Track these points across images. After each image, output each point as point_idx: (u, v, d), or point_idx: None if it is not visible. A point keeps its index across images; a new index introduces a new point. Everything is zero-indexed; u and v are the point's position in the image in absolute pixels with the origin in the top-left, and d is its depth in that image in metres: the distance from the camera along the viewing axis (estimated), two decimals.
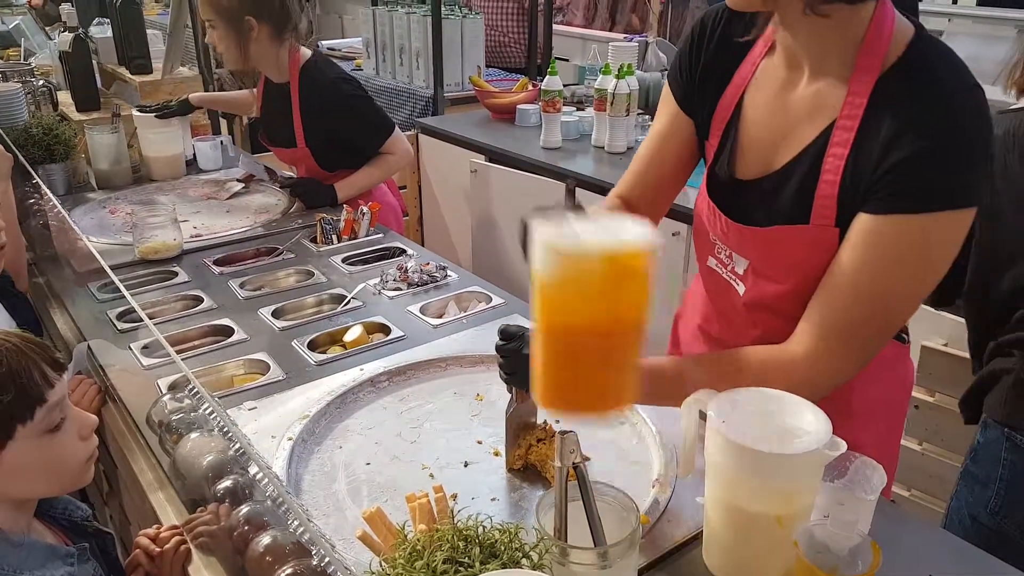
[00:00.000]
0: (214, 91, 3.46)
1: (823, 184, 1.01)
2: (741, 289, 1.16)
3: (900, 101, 0.95)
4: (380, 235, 2.11)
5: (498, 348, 1.12)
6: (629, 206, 1.29)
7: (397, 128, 2.35)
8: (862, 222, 0.98)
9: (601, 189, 2.67)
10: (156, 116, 2.56)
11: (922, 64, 0.96)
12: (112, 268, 1.51)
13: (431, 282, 1.81)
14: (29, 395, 0.97)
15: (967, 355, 1.79)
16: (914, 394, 1.89)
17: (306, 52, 2.29)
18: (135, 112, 2.63)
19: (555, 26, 5.11)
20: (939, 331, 1.90)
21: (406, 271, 1.82)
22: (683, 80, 1.21)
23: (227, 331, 1.62)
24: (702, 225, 1.21)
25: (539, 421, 1.22)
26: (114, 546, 1.17)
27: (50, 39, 4.27)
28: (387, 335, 1.59)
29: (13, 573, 0.97)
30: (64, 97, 3.27)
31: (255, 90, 2.51)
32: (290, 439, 1.23)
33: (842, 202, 1.00)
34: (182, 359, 1.19)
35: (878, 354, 1.05)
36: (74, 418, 1.04)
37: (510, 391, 1.17)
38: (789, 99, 1.07)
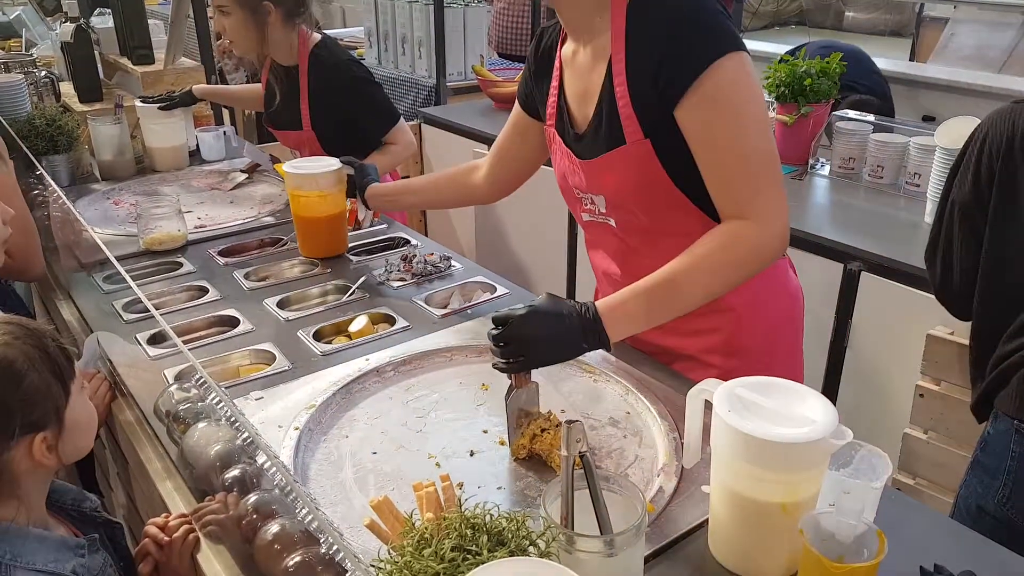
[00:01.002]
0: (217, 83, 3.45)
1: (620, 107, 1.23)
2: (613, 223, 1.36)
3: (645, 19, 1.19)
4: (384, 225, 2.11)
5: (496, 337, 1.14)
6: (490, 179, 1.66)
7: (402, 119, 2.35)
8: (682, 109, 1.18)
9: None
10: (159, 108, 2.56)
11: None
12: (117, 259, 1.51)
13: (435, 272, 1.81)
14: (69, 357, 1.08)
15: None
16: (919, 383, 1.89)
17: (315, 36, 2.29)
18: (138, 103, 2.63)
19: None
20: (944, 320, 1.90)
21: (410, 261, 1.82)
22: (527, 94, 1.52)
23: (233, 322, 1.62)
24: (567, 186, 1.42)
25: (542, 410, 1.22)
26: (123, 535, 1.18)
27: (51, 30, 4.27)
28: (392, 325, 1.59)
29: (26, 564, 0.98)
30: (66, 88, 3.27)
31: (260, 85, 2.51)
32: (297, 429, 1.24)
33: (640, 116, 1.21)
34: (188, 350, 1.20)
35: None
36: None
37: (509, 377, 1.18)
38: (579, 64, 1.33)
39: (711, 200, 1.23)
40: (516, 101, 1.57)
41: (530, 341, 1.14)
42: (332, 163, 1.86)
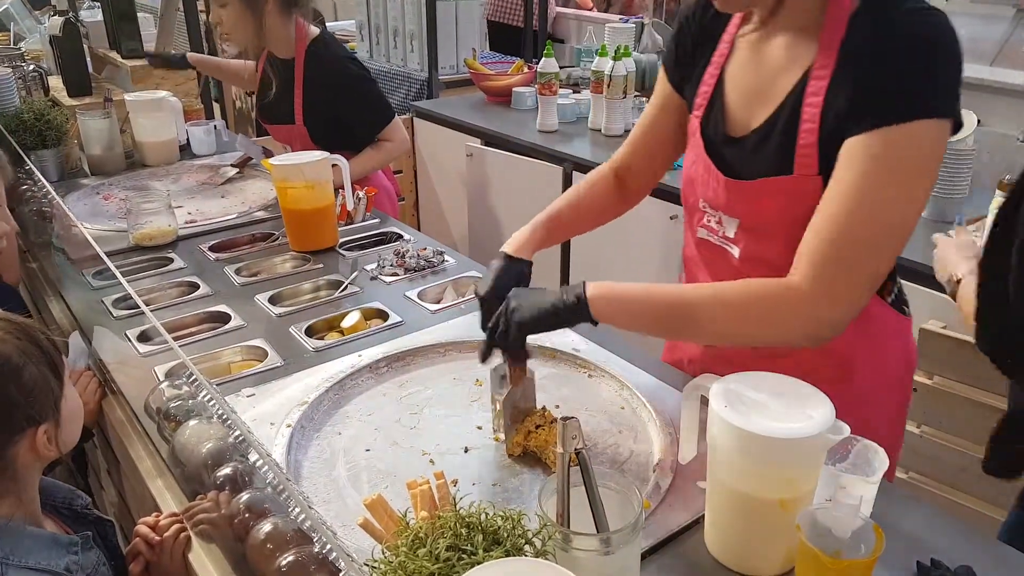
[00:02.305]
0: (205, 77, 3.42)
1: (803, 133, 1.04)
2: (735, 252, 1.18)
3: (872, 37, 0.99)
4: (376, 220, 2.10)
5: (491, 325, 1.12)
6: (620, 177, 1.39)
7: (397, 116, 2.34)
8: (847, 145, 0.99)
9: None
10: (149, 63, 2.55)
11: (886, 2, 1.01)
12: (107, 255, 1.50)
13: (428, 267, 1.80)
14: (59, 350, 1.08)
15: (966, 337, 1.79)
16: (914, 377, 1.89)
17: (313, 29, 2.27)
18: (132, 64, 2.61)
19: (560, 10, 5.10)
20: (938, 314, 1.90)
21: (403, 256, 1.81)
22: (676, 63, 1.28)
23: (224, 317, 1.61)
24: (693, 193, 1.24)
25: (537, 406, 1.21)
26: (114, 533, 1.17)
27: (40, 23, 4.23)
28: (385, 321, 1.58)
29: (19, 561, 0.97)
30: (55, 82, 3.23)
31: (252, 63, 2.48)
32: (289, 426, 1.22)
33: (823, 149, 1.02)
34: (179, 346, 1.18)
35: (882, 326, 1.07)
36: None
37: (508, 370, 1.16)
38: (764, 56, 1.12)
39: None
40: (662, 70, 1.32)
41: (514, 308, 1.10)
42: (318, 154, 1.85)
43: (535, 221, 1.32)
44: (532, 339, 1.14)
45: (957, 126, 0.98)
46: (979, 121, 2.13)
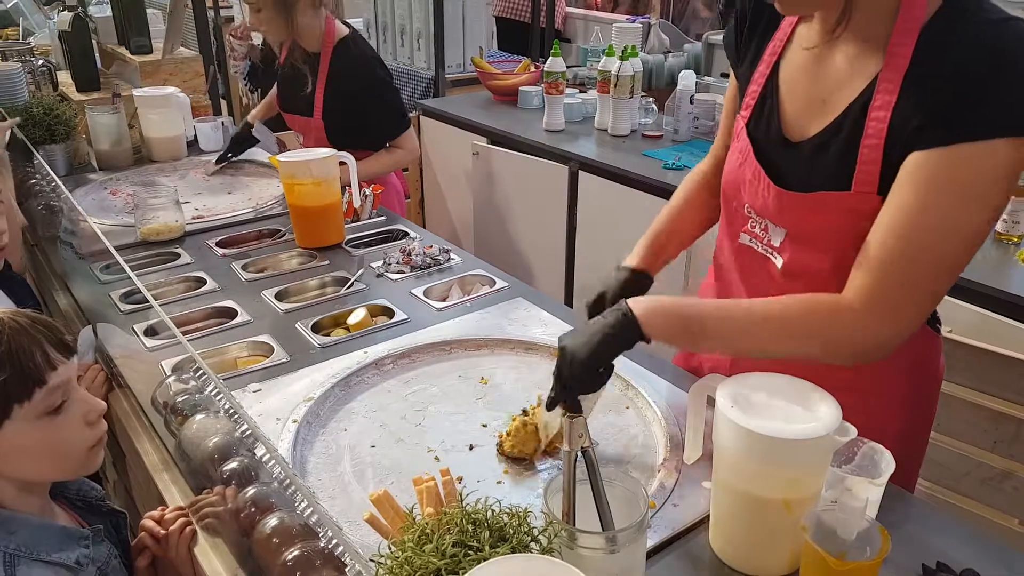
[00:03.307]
0: (215, 73, 3.44)
1: (865, 149, 0.97)
2: (779, 262, 1.13)
3: (945, 49, 0.92)
4: (383, 218, 2.10)
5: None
6: (708, 180, 1.31)
7: (411, 126, 2.36)
8: (915, 160, 0.92)
9: (604, 172, 2.66)
10: (219, 162, 2.53)
11: (962, 9, 0.93)
12: (115, 249, 1.50)
13: (434, 265, 1.80)
14: (28, 375, 0.96)
15: (971, 341, 1.79)
16: None
17: (342, 28, 2.29)
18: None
19: (569, 10, 5.11)
20: (947, 319, 1.89)
21: (409, 254, 1.81)
22: (734, 52, 1.22)
23: (230, 313, 1.61)
24: (737, 197, 1.17)
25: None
26: (126, 526, 1.17)
27: (49, 18, 4.24)
28: (391, 318, 1.58)
29: (30, 553, 0.97)
30: (64, 77, 3.24)
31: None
32: (295, 421, 1.23)
33: (885, 169, 0.96)
34: (186, 341, 1.19)
35: (913, 345, 1.02)
36: (80, 401, 1.02)
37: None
38: (826, 63, 1.05)
39: None
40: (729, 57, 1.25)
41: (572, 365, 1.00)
42: (325, 151, 1.86)
43: (643, 238, 1.29)
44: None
45: None
46: None
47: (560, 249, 2.99)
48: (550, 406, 1.02)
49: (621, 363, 1.37)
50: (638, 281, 1.21)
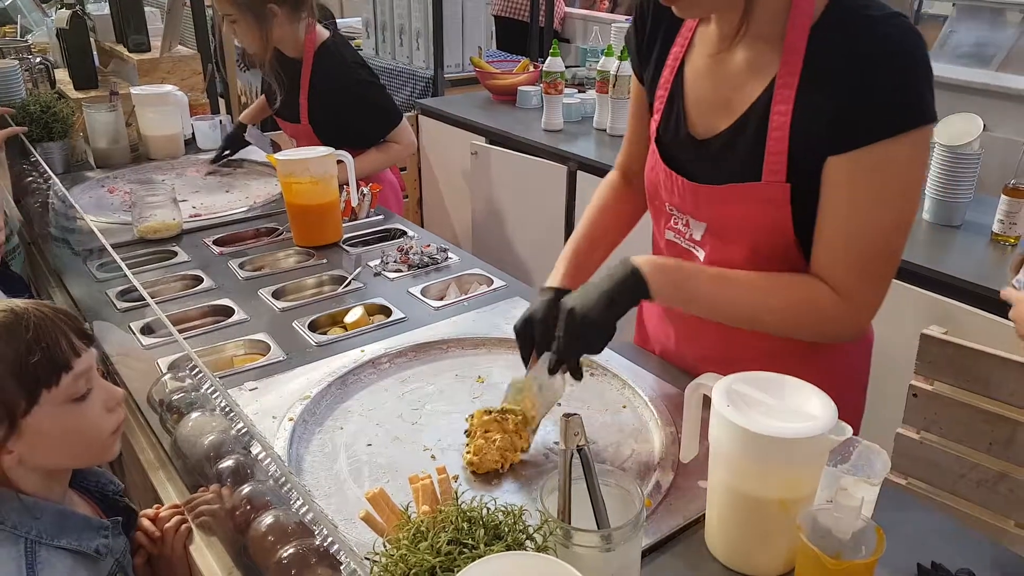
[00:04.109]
0: (213, 72, 3.44)
1: (772, 141, 1.05)
2: (701, 255, 1.20)
3: (837, 46, 0.99)
4: (380, 216, 2.10)
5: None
6: (627, 178, 1.40)
7: (404, 119, 2.35)
8: (842, 162, 1.01)
9: (603, 172, 2.64)
10: (215, 161, 2.53)
11: (848, 7, 1.01)
12: (111, 247, 1.50)
13: (432, 264, 1.80)
14: (56, 361, 0.98)
15: (966, 343, 1.79)
16: (912, 382, 1.89)
17: (323, 32, 2.28)
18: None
19: (568, 10, 5.11)
20: (938, 319, 1.90)
21: (407, 253, 1.81)
22: (636, 57, 1.28)
23: (227, 311, 1.61)
24: (658, 196, 1.24)
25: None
26: (134, 524, 1.17)
27: (47, 16, 4.23)
28: (388, 317, 1.58)
29: (50, 540, 0.97)
30: (61, 75, 3.24)
31: None
32: (291, 420, 1.23)
33: (792, 157, 1.04)
34: (182, 339, 1.19)
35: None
36: (100, 389, 1.04)
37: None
38: (726, 64, 1.11)
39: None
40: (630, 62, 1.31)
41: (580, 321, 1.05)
42: (323, 150, 1.86)
43: (566, 256, 1.33)
44: None
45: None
46: (984, 126, 2.13)
47: (558, 249, 2.97)
48: (553, 369, 1.08)
49: (619, 362, 1.38)
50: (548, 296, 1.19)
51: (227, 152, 2.52)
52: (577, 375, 1.10)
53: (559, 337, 1.07)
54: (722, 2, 1.05)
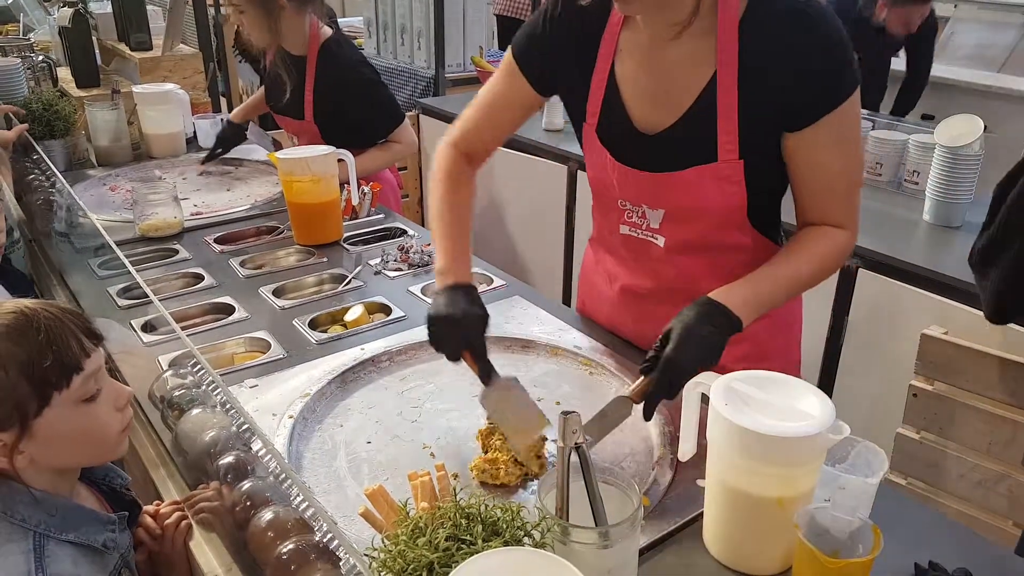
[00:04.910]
0: (215, 70, 3.44)
1: (722, 123, 1.15)
2: (660, 242, 1.29)
3: (768, 37, 1.11)
4: (381, 215, 2.10)
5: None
6: (466, 153, 1.38)
7: (407, 118, 2.36)
8: (804, 135, 1.14)
9: None
10: (205, 161, 2.53)
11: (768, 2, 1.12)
12: (115, 245, 1.51)
13: (432, 263, 1.80)
14: (66, 363, 0.98)
15: (966, 343, 1.79)
16: (912, 382, 1.90)
17: (326, 30, 2.28)
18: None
19: None
20: (938, 320, 1.90)
21: (407, 252, 1.82)
22: (536, 61, 1.29)
23: (228, 309, 1.61)
24: (608, 194, 1.31)
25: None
26: (138, 518, 1.17)
27: (49, 14, 4.24)
28: (388, 315, 1.59)
29: (58, 534, 0.98)
30: (64, 73, 3.25)
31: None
32: (291, 417, 1.23)
33: (743, 136, 1.15)
34: (185, 335, 1.19)
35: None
36: (109, 389, 1.04)
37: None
38: (661, 59, 1.18)
39: (765, 218, 1.27)
40: (511, 56, 1.31)
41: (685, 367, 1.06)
42: (324, 149, 1.86)
43: (444, 248, 1.26)
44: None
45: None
46: (985, 127, 2.13)
47: (558, 248, 2.99)
48: (648, 416, 1.09)
49: (618, 360, 1.39)
50: (469, 294, 1.18)
51: (219, 151, 2.52)
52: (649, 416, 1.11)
53: (660, 387, 1.06)
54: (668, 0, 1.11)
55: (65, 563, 0.97)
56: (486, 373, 1.14)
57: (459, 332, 1.14)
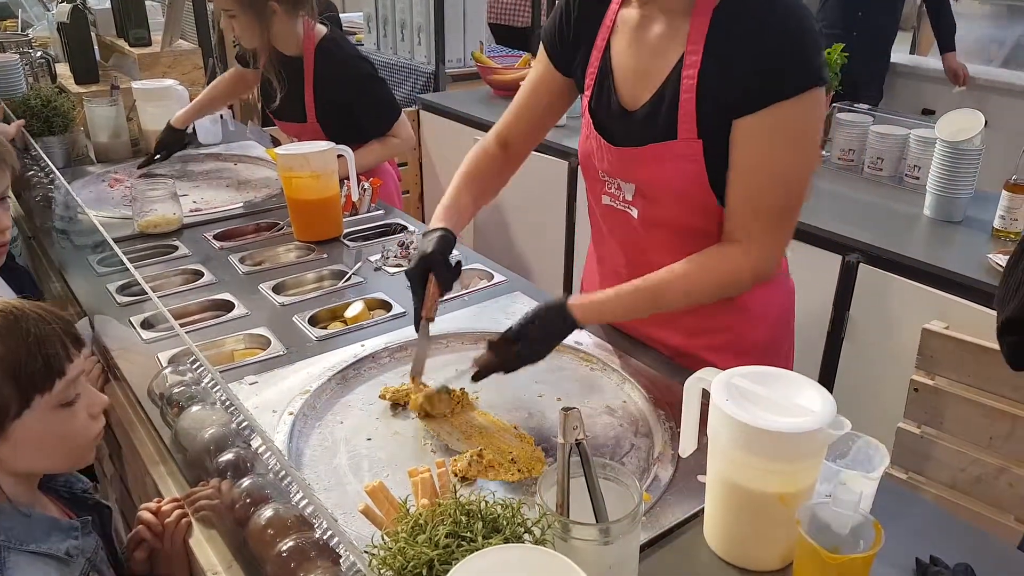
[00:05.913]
0: (216, 66, 3.43)
1: (683, 102, 1.18)
2: (635, 213, 1.31)
3: (738, 16, 1.13)
4: (381, 211, 2.10)
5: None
6: (503, 146, 1.45)
7: (403, 113, 2.35)
8: (746, 123, 1.14)
9: None
10: (143, 166, 2.46)
11: None
12: (113, 241, 1.50)
13: None
14: (51, 366, 0.97)
15: (967, 338, 1.79)
16: (913, 377, 1.89)
17: (321, 28, 2.27)
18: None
19: None
20: (940, 314, 1.90)
21: (407, 247, 1.81)
22: (558, 44, 1.37)
23: (228, 306, 1.61)
24: (591, 167, 1.36)
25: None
26: (110, 519, 1.17)
27: (48, 10, 4.23)
28: (388, 311, 1.58)
29: (19, 545, 0.97)
30: (62, 69, 3.24)
31: (243, 71, 2.46)
32: (291, 414, 1.23)
33: (700, 116, 1.17)
34: (183, 333, 1.19)
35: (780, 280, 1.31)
36: (86, 395, 1.03)
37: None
38: (644, 39, 1.24)
39: None
40: (541, 45, 1.40)
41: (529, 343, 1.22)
42: (323, 144, 1.85)
43: (446, 206, 1.39)
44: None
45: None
46: (986, 122, 2.12)
47: (559, 244, 2.99)
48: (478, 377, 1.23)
49: (617, 358, 1.38)
50: (446, 239, 1.32)
51: (157, 157, 2.45)
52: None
53: (499, 361, 1.22)
54: None
55: (27, 574, 0.96)
56: (416, 317, 1.29)
57: (422, 264, 1.28)
